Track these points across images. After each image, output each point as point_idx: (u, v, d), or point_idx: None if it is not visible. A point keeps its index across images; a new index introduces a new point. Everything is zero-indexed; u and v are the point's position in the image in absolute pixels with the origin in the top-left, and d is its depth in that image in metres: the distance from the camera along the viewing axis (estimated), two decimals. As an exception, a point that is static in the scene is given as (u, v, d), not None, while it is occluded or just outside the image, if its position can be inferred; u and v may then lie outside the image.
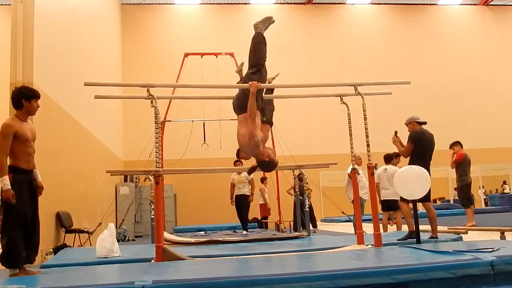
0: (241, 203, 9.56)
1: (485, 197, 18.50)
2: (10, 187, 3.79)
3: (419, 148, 5.76)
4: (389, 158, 8.36)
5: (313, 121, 16.94)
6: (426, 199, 5.65)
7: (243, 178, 9.55)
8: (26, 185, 4.00)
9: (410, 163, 5.69)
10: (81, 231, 8.18)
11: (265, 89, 4.84)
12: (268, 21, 4.84)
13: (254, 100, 4.35)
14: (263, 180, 12.00)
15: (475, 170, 18.06)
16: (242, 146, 4.36)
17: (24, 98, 4.06)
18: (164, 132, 10.10)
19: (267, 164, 4.39)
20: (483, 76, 19.05)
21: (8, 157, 3.92)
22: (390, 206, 8.08)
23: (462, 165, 9.06)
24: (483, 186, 18.70)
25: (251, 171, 4.65)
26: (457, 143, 9.34)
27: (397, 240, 5.73)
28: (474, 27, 19.87)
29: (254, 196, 10.27)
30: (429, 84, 18.07)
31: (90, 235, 8.35)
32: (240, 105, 4.48)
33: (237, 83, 4.91)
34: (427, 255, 3.82)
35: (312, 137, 16.73)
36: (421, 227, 5.44)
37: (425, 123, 6.08)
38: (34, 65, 6.70)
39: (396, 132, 6.01)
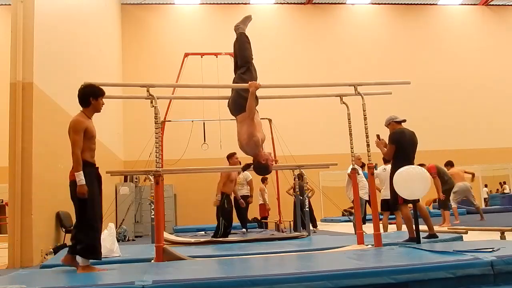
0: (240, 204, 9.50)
1: (486, 196, 18.51)
2: (84, 182, 3.89)
3: (401, 148, 5.67)
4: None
5: (313, 121, 16.94)
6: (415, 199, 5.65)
7: (241, 179, 9.45)
8: (95, 177, 4.07)
9: (394, 164, 5.60)
10: (81, 231, 8.17)
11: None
12: (248, 20, 4.92)
13: (253, 100, 4.35)
14: (263, 180, 11.99)
15: (475, 170, 18.14)
16: (243, 145, 4.36)
17: (92, 97, 4.13)
18: (164, 132, 10.09)
19: (262, 167, 4.37)
20: (483, 76, 19.05)
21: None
22: (389, 205, 8.09)
23: (440, 175, 9.49)
24: (486, 185, 18.71)
25: (245, 168, 4.66)
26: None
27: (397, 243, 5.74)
28: (474, 27, 19.87)
29: (254, 196, 10.24)
30: (429, 84, 18.07)
31: (90, 235, 8.34)
32: (238, 105, 4.48)
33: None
34: (427, 255, 3.81)
35: (312, 137, 16.73)
36: (421, 227, 5.44)
37: (404, 121, 5.98)
38: (34, 65, 6.72)
39: (378, 136, 5.89)
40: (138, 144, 11.76)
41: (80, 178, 3.87)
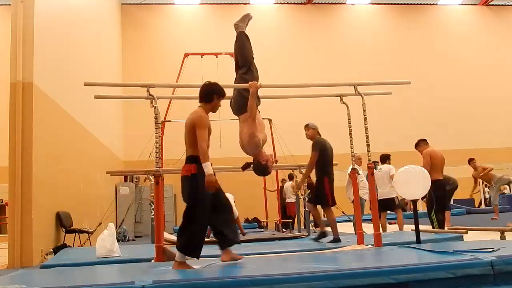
0: None
1: (487, 196, 18.47)
2: (213, 172, 3.79)
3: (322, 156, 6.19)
4: (385, 158, 8.35)
5: (313, 121, 16.89)
6: (316, 201, 6.16)
7: None
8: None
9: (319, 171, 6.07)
10: (81, 231, 8.18)
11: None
12: (247, 18, 4.92)
13: (254, 100, 4.36)
14: (290, 177, 11.45)
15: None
16: (244, 145, 4.36)
17: (216, 95, 4.08)
18: (164, 132, 10.08)
19: (262, 168, 4.35)
20: (483, 76, 19.05)
21: (193, 148, 3.91)
22: (387, 205, 8.09)
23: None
24: (486, 185, 18.66)
25: (245, 167, 4.64)
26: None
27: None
28: (474, 27, 19.86)
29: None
30: (429, 84, 18.07)
31: (90, 235, 8.35)
32: (239, 105, 4.49)
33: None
34: (427, 255, 3.81)
35: (312, 137, 16.68)
36: (421, 227, 5.44)
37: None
38: (34, 65, 6.71)
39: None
40: (138, 144, 11.75)
41: (208, 168, 3.77)
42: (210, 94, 4.07)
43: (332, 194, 6.04)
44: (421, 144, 7.37)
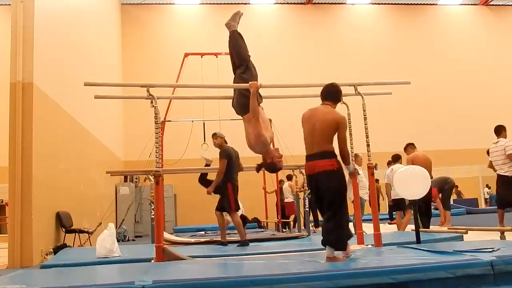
0: None
1: (487, 197, 18.48)
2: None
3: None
4: (397, 158, 8.28)
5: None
6: (221, 208, 6.49)
7: None
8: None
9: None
10: (81, 231, 8.18)
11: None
12: (238, 15, 4.97)
13: (255, 100, 4.37)
14: (289, 177, 11.23)
15: (475, 170, 18.13)
16: (251, 144, 4.39)
17: (341, 95, 4.20)
18: (164, 132, 10.08)
19: (269, 166, 4.46)
20: (483, 76, 19.05)
21: (327, 143, 3.92)
22: (399, 205, 8.08)
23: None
24: (487, 185, 18.68)
25: (258, 168, 4.73)
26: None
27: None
28: (474, 27, 19.87)
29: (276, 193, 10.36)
30: (429, 84, 18.07)
31: (90, 235, 8.35)
32: (241, 105, 4.49)
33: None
34: (427, 255, 3.81)
35: (312, 137, 16.69)
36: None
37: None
38: (34, 65, 6.72)
39: None
40: (138, 144, 11.75)
41: (351, 168, 4.40)
42: (339, 96, 4.17)
43: (236, 199, 6.47)
44: (408, 148, 7.59)
